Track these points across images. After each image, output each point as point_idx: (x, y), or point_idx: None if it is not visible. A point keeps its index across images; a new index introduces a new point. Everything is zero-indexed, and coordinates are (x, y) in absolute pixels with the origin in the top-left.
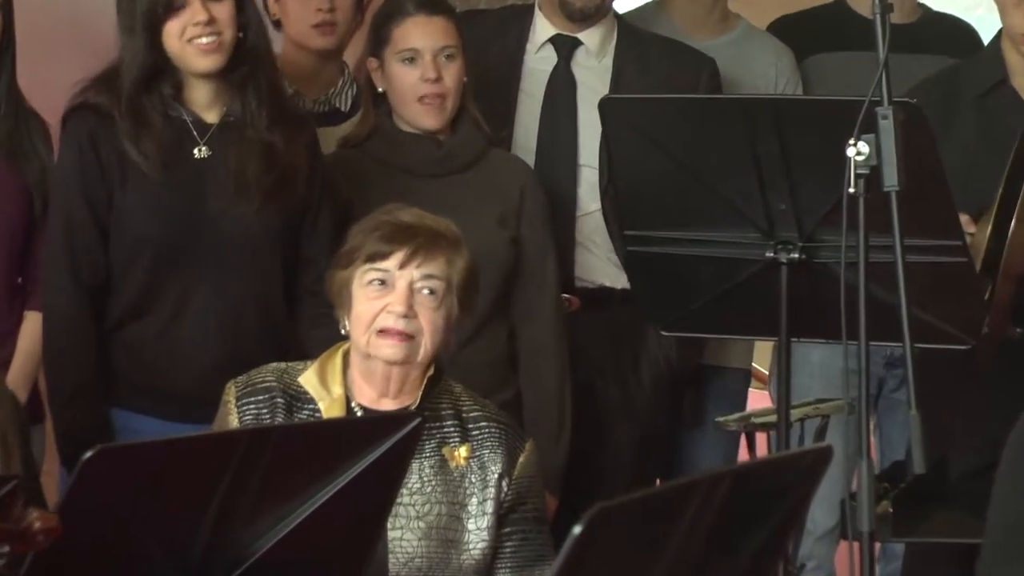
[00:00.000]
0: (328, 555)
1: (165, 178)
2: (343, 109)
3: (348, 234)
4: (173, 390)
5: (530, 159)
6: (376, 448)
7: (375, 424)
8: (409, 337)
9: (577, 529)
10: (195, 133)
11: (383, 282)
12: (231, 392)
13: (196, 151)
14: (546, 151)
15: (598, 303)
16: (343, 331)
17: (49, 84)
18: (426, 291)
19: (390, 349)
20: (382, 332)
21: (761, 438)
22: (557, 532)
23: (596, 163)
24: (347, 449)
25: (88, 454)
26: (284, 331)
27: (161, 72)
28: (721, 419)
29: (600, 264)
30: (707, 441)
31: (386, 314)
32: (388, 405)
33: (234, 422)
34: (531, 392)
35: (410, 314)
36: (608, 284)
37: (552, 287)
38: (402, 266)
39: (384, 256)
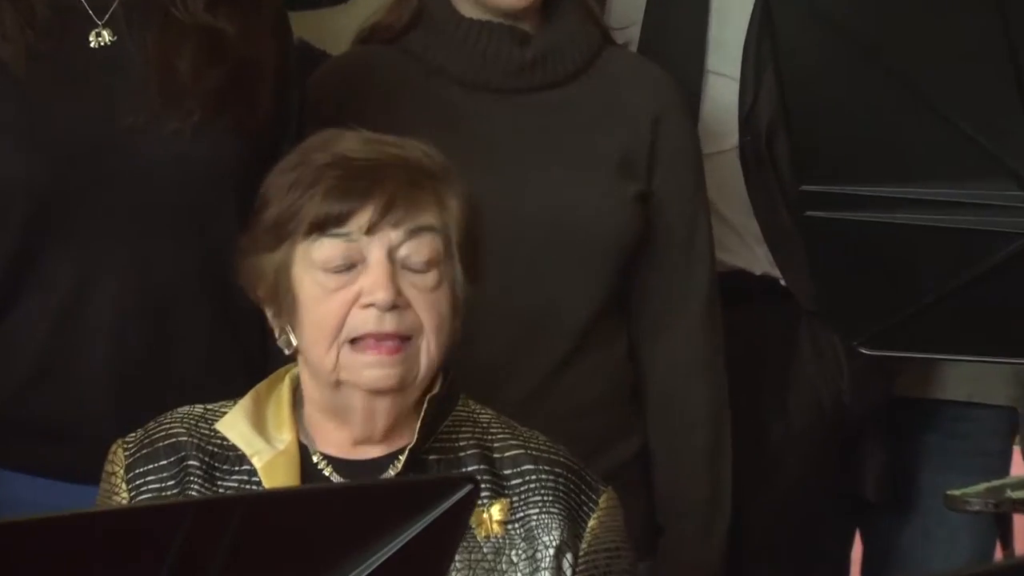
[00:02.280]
0: None
1: (40, 77)
2: None
3: (264, 190)
4: (65, 431)
5: None
6: (399, 532)
7: (395, 492)
8: (402, 341)
9: None
10: (89, 10)
11: (343, 263)
12: (118, 457)
13: (92, 37)
14: (653, 46)
15: (729, 297)
16: (287, 350)
17: None
18: (418, 261)
19: (376, 371)
20: (358, 343)
21: (1021, 522)
22: None
23: (737, 72)
24: (354, 532)
25: None
26: (248, 328)
27: None
28: (956, 492)
29: (733, 236)
30: (929, 523)
31: (359, 311)
32: (371, 452)
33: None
34: (665, 445)
35: (399, 302)
36: (744, 267)
37: (703, 276)
38: (372, 227)
39: (341, 218)
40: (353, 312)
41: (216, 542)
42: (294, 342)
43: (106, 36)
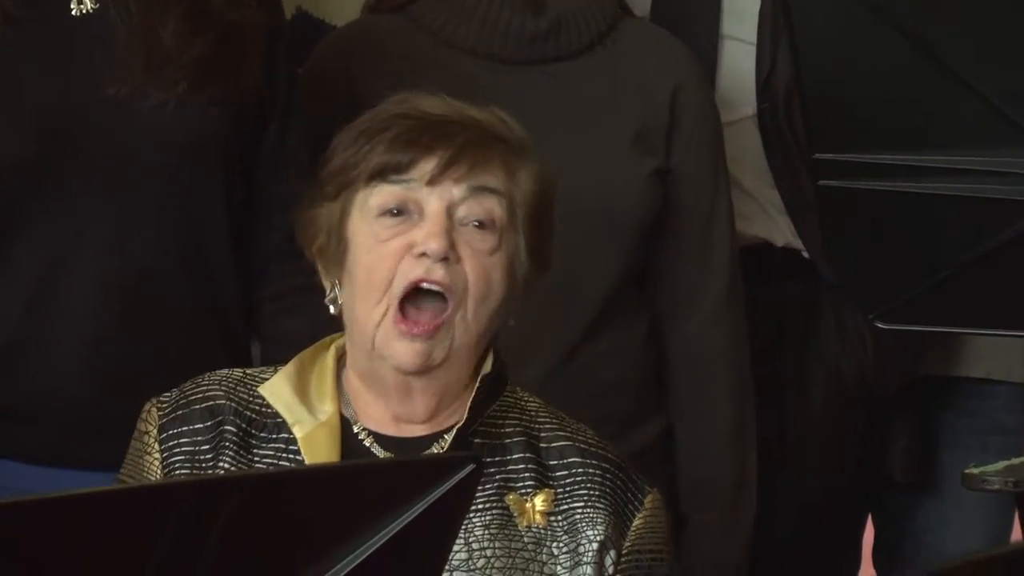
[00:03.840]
0: None
1: (19, 47)
2: None
3: (334, 143)
4: (40, 414)
5: None
6: (399, 513)
7: (394, 472)
8: (443, 304)
9: None
10: None
11: (400, 210)
12: (152, 416)
13: (74, 4)
14: (666, 12)
15: (751, 273)
16: (333, 309)
17: None
18: (474, 222)
19: (404, 343)
20: (410, 305)
21: None
22: None
23: (753, 36)
24: (354, 514)
25: None
26: (233, 313)
27: None
28: (974, 470)
29: (752, 205)
30: (943, 506)
31: (411, 259)
32: (415, 430)
33: (154, 465)
34: (688, 429)
35: (451, 255)
36: (765, 237)
37: (724, 255)
38: (433, 179)
39: (402, 167)
40: (405, 261)
41: (213, 523)
42: (341, 300)
43: (88, 3)
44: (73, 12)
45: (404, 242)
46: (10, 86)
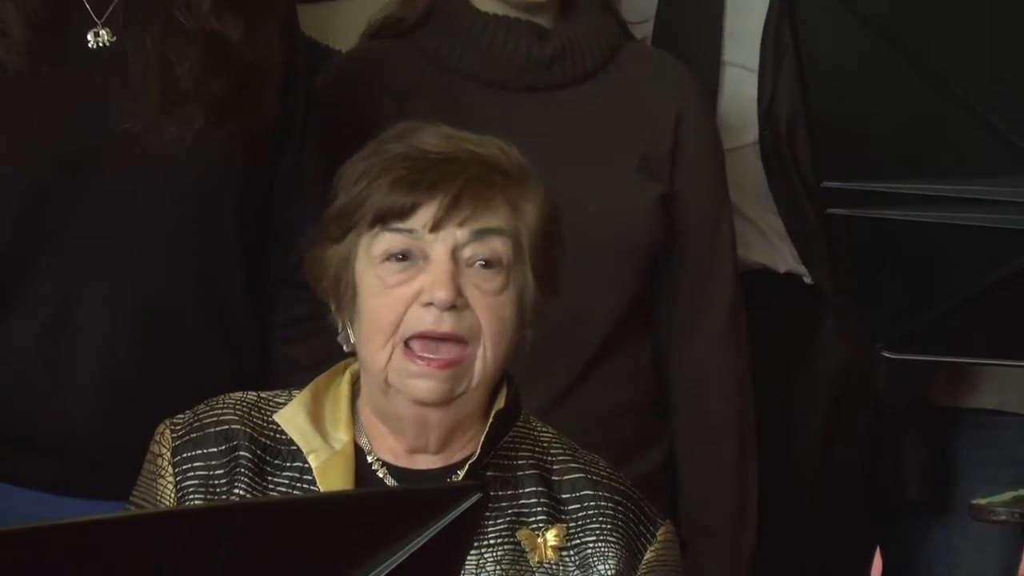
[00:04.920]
0: None
1: (36, 77)
2: None
3: (337, 180)
4: (53, 442)
5: None
6: (406, 541)
7: (401, 500)
8: (457, 349)
9: None
10: (88, 7)
11: (404, 255)
12: (165, 439)
13: (91, 37)
14: (667, 38)
15: (753, 298)
16: (346, 347)
17: None
18: (480, 262)
19: (422, 381)
20: (411, 347)
21: None
22: None
23: (755, 64)
24: (361, 542)
25: None
26: (245, 345)
27: None
28: (981, 501)
29: (754, 232)
30: (953, 536)
31: (418, 309)
32: (427, 462)
33: (167, 489)
34: (690, 455)
35: (459, 303)
36: (767, 264)
37: (727, 280)
38: (436, 224)
39: (405, 211)
40: (412, 310)
41: (217, 551)
42: (352, 339)
43: (105, 36)
44: (90, 45)
45: (411, 289)
46: (26, 115)
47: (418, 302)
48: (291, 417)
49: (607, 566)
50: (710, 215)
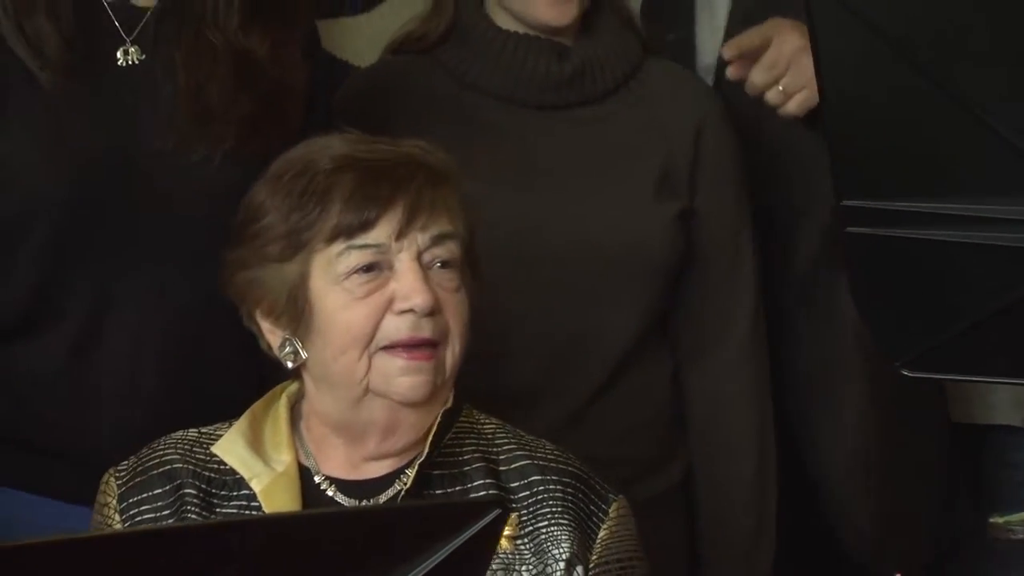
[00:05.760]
0: None
1: (69, 97)
2: None
3: (259, 204)
4: (81, 454)
5: None
6: (421, 559)
7: (416, 517)
8: (432, 348)
9: None
10: (118, 24)
11: (370, 267)
12: (110, 487)
13: (120, 54)
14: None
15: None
16: (291, 364)
17: None
18: (438, 263)
19: (410, 377)
20: (391, 349)
21: None
22: None
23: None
24: (373, 560)
25: None
26: (270, 359)
27: None
28: (998, 519)
29: None
30: (970, 559)
31: (393, 317)
32: (375, 469)
33: None
34: (709, 473)
35: (435, 307)
36: None
37: (748, 297)
38: (401, 233)
39: (366, 225)
40: (387, 319)
41: (227, 568)
42: (304, 355)
43: (134, 54)
44: (119, 63)
45: (382, 299)
46: (57, 132)
47: (391, 311)
48: (229, 447)
49: (561, 550)
50: (731, 230)
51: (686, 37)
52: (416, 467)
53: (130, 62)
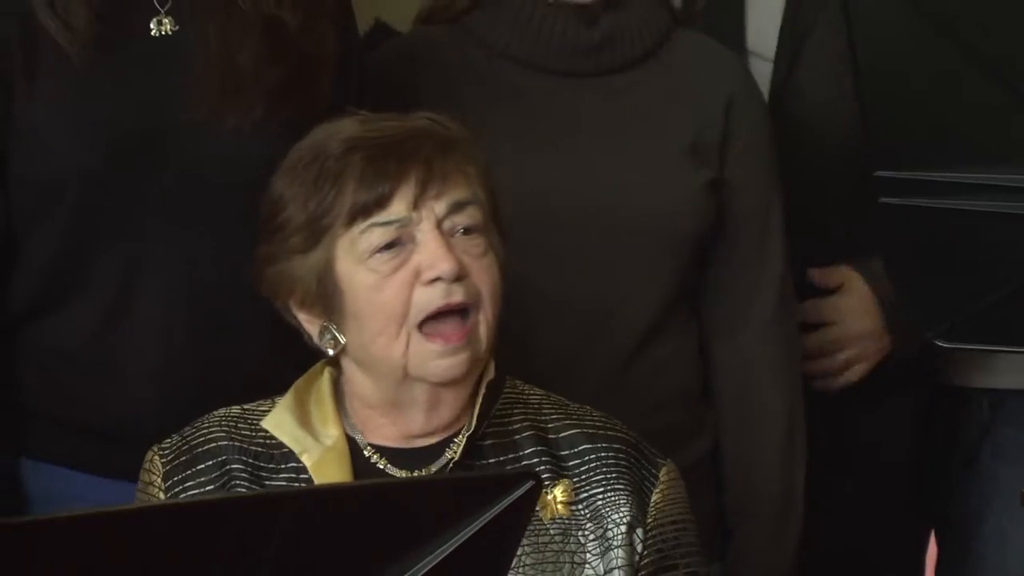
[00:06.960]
0: None
1: (100, 67)
2: None
3: (278, 196)
4: (112, 427)
5: None
6: (456, 531)
7: (452, 489)
8: (464, 320)
9: None
10: None
11: (391, 245)
12: (155, 465)
13: (153, 24)
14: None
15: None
16: (331, 351)
17: None
18: (460, 230)
19: (446, 359)
20: (426, 330)
21: None
22: None
23: (772, 53)
24: (410, 531)
25: None
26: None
27: None
28: None
29: None
30: (1004, 522)
31: (424, 288)
32: (423, 440)
33: None
34: (737, 445)
35: (462, 272)
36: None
37: (777, 269)
38: (417, 203)
39: (382, 200)
40: (417, 291)
41: (269, 539)
42: (342, 340)
43: (167, 25)
44: (153, 33)
45: (408, 272)
46: (89, 104)
47: (420, 282)
48: (279, 421)
49: (620, 514)
50: (761, 202)
51: (735, 18)
52: (464, 440)
53: (163, 32)
